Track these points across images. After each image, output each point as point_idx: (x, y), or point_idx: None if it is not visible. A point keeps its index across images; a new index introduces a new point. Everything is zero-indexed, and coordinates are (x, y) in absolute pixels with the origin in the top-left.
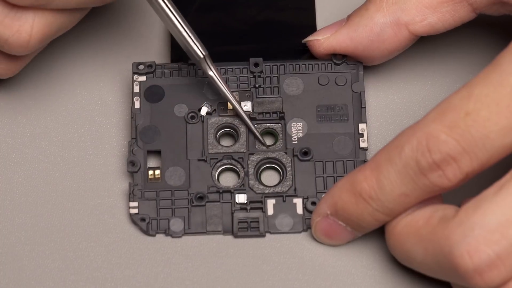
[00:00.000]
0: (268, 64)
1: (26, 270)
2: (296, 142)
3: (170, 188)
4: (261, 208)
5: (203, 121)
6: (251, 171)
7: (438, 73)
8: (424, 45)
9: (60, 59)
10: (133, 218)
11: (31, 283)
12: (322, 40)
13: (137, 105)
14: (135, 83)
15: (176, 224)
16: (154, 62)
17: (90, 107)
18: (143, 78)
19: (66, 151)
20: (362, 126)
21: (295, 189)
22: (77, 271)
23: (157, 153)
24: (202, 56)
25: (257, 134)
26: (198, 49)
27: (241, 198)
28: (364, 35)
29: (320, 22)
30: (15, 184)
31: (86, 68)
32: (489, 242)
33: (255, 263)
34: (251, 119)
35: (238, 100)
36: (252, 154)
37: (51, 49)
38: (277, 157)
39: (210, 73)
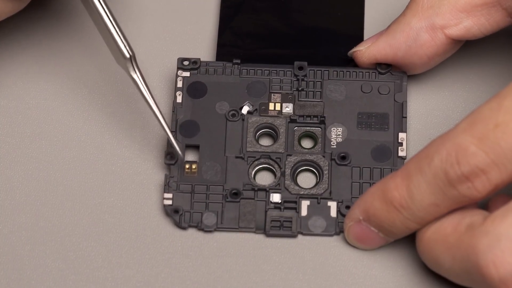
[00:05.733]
0: (312, 68)
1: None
2: (334, 146)
3: (206, 183)
4: (295, 209)
5: (243, 120)
6: (287, 171)
7: (480, 86)
8: (469, 55)
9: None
10: (166, 210)
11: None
12: (364, 50)
13: (179, 99)
14: (178, 78)
15: (209, 219)
16: (199, 58)
17: (132, 98)
18: (187, 73)
19: (104, 141)
20: (402, 135)
21: (330, 192)
22: (117, 257)
23: (196, 148)
24: (128, 56)
25: (175, 144)
26: (125, 48)
27: (275, 197)
28: (402, 41)
29: (368, 32)
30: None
31: None
32: None
33: (286, 263)
34: (292, 121)
35: (159, 108)
36: (290, 155)
37: (91, 41)
38: (315, 159)
39: (134, 75)
